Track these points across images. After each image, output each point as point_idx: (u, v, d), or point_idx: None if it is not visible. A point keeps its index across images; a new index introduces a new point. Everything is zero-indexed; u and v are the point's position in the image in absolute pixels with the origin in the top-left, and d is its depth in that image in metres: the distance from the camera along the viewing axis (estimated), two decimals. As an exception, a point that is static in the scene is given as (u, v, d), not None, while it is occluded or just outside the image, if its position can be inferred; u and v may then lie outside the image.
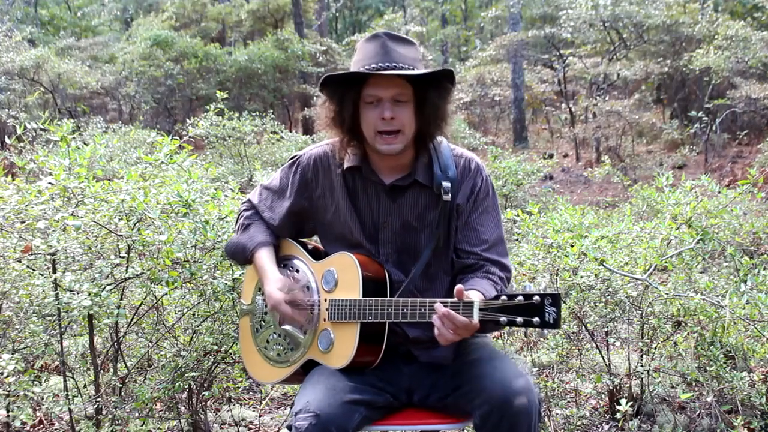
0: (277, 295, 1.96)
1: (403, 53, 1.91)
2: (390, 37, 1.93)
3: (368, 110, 1.91)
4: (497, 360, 1.92)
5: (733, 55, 11.36)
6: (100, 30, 23.46)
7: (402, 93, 1.89)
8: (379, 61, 1.88)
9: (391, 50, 1.89)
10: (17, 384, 2.26)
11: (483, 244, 1.99)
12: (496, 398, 1.78)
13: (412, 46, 1.96)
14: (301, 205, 2.10)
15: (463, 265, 2.00)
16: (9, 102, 11.98)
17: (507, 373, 1.84)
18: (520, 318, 1.62)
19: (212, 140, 8.41)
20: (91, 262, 2.57)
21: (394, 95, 1.88)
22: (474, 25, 24.45)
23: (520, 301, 1.62)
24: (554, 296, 1.60)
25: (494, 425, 1.77)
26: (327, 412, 1.75)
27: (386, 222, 2.00)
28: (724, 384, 2.81)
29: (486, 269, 1.97)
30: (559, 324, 1.60)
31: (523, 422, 1.76)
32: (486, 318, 1.67)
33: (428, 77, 1.88)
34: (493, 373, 1.84)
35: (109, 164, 5.66)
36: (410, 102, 1.91)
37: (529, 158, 10.59)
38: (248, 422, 3.22)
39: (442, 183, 1.95)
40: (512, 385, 1.78)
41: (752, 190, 3.39)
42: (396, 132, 1.90)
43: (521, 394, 1.76)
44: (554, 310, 1.59)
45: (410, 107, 1.91)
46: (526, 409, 1.75)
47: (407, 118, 1.90)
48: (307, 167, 2.09)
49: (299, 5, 16.77)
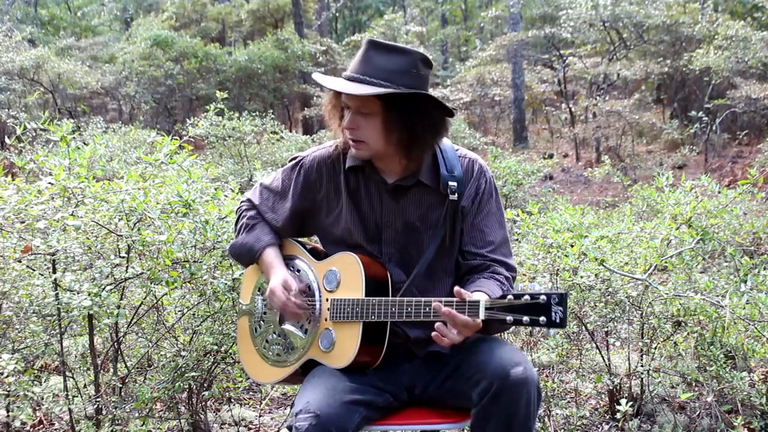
0: (279, 288, 1.96)
1: (381, 65, 1.85)
2: (375, 46, 1.89)
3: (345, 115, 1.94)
4: (494, 342, 1.94)
5: (733, 55, 11.35)
6: (100, 30, 23.46)
7: (365, 105, 1.87)
8: (355, 71, 1.88)
9: (369, 60, 1.87)
10: (17, 384, 2.26)
11: (489, 245, 1.99)
12: (493, 371, 1.78)
13: (402, 56, 1.87)
14: (303, 207, 2.10)
15: (469, 267, 2.00)
16: (9, 102, 11.98)
17: (504, 350, 1.86)
18: (527, 317, 1.62)
19: (212, 140, 8.41)
20: (91, 262, 2.57)
21: (357, 106, 1.88)
22: (474, 25, 24.45)
23: (526, 300, 1.63)
24: (561, 295, 1.60)
25: (492, 399, 1.76)
26: (327, 413, 1.75)
27: (389, 222, 2.00)
28: (724, 384, 2.81)
29: (492, 269, 1.97)
30: (565, 323, 1.61)
31: (521, 393, 1.75)
32: (492, 317, 1.67)
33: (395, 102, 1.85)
34: (490, 352, 1.86)
35: (109, 164, 5.66)
36: (376, 115, 1.88)
37: (529, 158, 10.60)
38: (248, 422, 3.22)
39: (449, 183, 1.95)
40: (508, 358, 1.79)
41: (752, 190, 3.40)
42: (359, 141, 1.91)
43: (518, 364, 1.77)
44: (561, 310, 1.60)
45: (376, 120, 1.88)
46: (523, 377, 1.75)
47: (370, 131, 1.89)
48: (310, 169, 2.08)
49: (299, 5, 16.78)
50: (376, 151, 1.93)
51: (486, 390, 1.78)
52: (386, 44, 1.90)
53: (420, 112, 1.88)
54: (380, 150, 1.93)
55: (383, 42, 1.90)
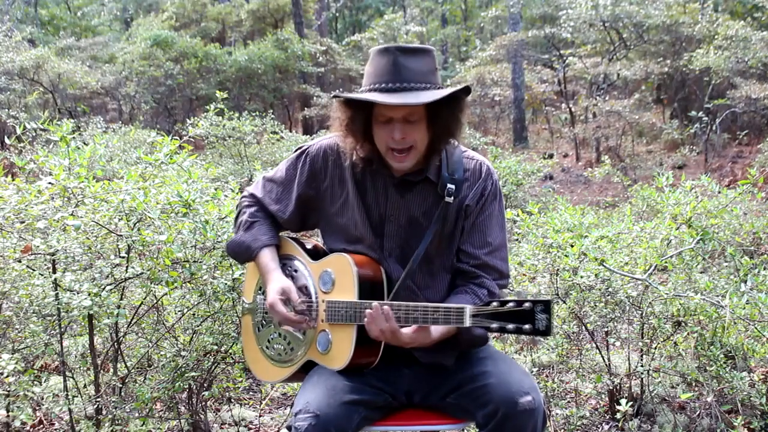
0: (277, 301, 1.95)
1: (415, 69, 1.83)
2: (402, 51, 1.84)
3: (380, 128, 1.88)
4: (501, 360, 1.93)
5: (733, 55, 11.35)
6: (100, 30, 23.45)
7: (413, 113, 1.85)
8: (389, 80, 1.82)
9: (402, 67, 1.82)
10: (17, 384, 2.26)
11: (486, 246, 1.99)
12: (500, 397, 1.77)
13: (426, 56, 1.87)
14: (308, 196, 2.08)
15: (459, 270, 2.00)
16: (9, 102, 11.96)
17: (512, 373, 1.85)
18: (512, 325, 1.62)
19: (212, 140, 8.41)
20: (91, 262, 2.57)
21: (404, 115, 1.85)
22: (474, 25, 24.43)
23: (511, 307, 1.62)
24: (546, 303, 1.59)
25: (498, 425, 1.77)
26: (326, 413, 1.75)
27: (392, 215, 2.00)
28: (724, 384, 2.81)
29: (480, 281, 1.97)
30: (549, 331, 1.59)
31: (528, 422, 1.76)
32: (477, 324, 1.67)
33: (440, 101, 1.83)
34: (497, 373, 1.85)
35: (109, 164, 5.66)
36: (422, 120, 1.87)
37: (529, 158, 10.60)
38: (248, 422, 3.22)
39: (447, 185, 1.95)
40: (518, 385, 1.79)
41: (752, 190, 3.40)
42: (407, 149, 1.88)
43: (527, 393, 1.77)
44: (545, 317, 1.59)
45: (422, 125, 1.88)
46: (531, 409, 1.75)
47: (419, 135, 1.88)
48: (316, 157, 2.07)
49: (299, 5, 16.77)
50: (420, 155, 1.91)
51: (492, 415, 1.78)
52: (411, 47, 1.87)
53: (458, 107, 1.89)
54: (422, 151, 1.92)
55: (407, 46, 1.87)
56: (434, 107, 1.85)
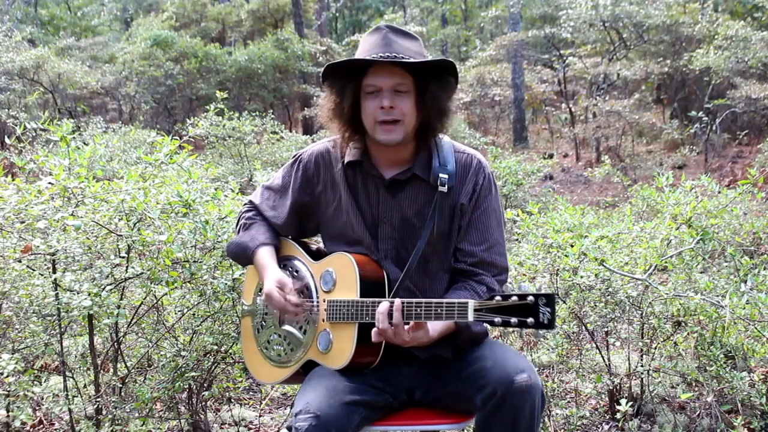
0: (274, 289, 1.96)
1: (405, 45, 1.91)
2: (392, 29, 1.93)
3: (368, 100, 1.91)
4: (498, 346, 1.94)
5: (733, 55, 11.34)
6: (100, 30, 23.45)
7: (402, 83, 1.89)
8: (379, 51, 1.89)
9: (392, 42, 1.90)
10: (17, 384, 2.26)
11: (484, 243, 1.99)
12: (497, 378, 1.78)
13: (415, 40, 1.96)
14: (303, 201, 2.11)
15: (457, 270, 2.00)
16: (9, 102, 11.96)
17: (508, 355, 1.86)
18: (515, 318, 1.62)
19: (212, 140, 8.42)
20: (91, 262, 2.57)
21: (393, 85, 1.89)
22: (474, 25, 24.43)
23: (514, 301, 1.62)
24: (549, 296, 1.59)
25: (496, 405, 1.77)
26: (327, 413, 1.76)
27: (386, 217, 2.00)
28: (724, 384, 2.81)
29: (479, 278, 1.97)
30: (553, 324, 1.60)
31: (525, 400, 1.75)
32: (481, 318, 1.67)
33: (427, 66, 1.89)
34: (494, 357, 1.86)
35: (109, 164, 5.66)
36: (411, 92, 1.91)
37: (529, 158, 10.60)
38: (248, 422, 3.22)
39: (439, 175, 1.95)
40: (513, 365, 1.79)
41: (752, 190, 3.40)
42: (396, 121, 1.90)
43: (523, 371, 1.77)
44: (548, 311, 1.59)
45: (411, 98, 1.91)
46: (528, 385, 1.75)
47: (407, 108, 1.91)
48: (309, 163, 2.10)
49: (299, 5, 16.76)
50: (407, 133, 1.93)
51: (490, 396, 1.78)
52: (401, 29, 1.95)
53: (445, 87, 1.94)
54: (410, 132, 1.94)
55: (398, 27, 1.95)
56: (423, 80, 1.90)
